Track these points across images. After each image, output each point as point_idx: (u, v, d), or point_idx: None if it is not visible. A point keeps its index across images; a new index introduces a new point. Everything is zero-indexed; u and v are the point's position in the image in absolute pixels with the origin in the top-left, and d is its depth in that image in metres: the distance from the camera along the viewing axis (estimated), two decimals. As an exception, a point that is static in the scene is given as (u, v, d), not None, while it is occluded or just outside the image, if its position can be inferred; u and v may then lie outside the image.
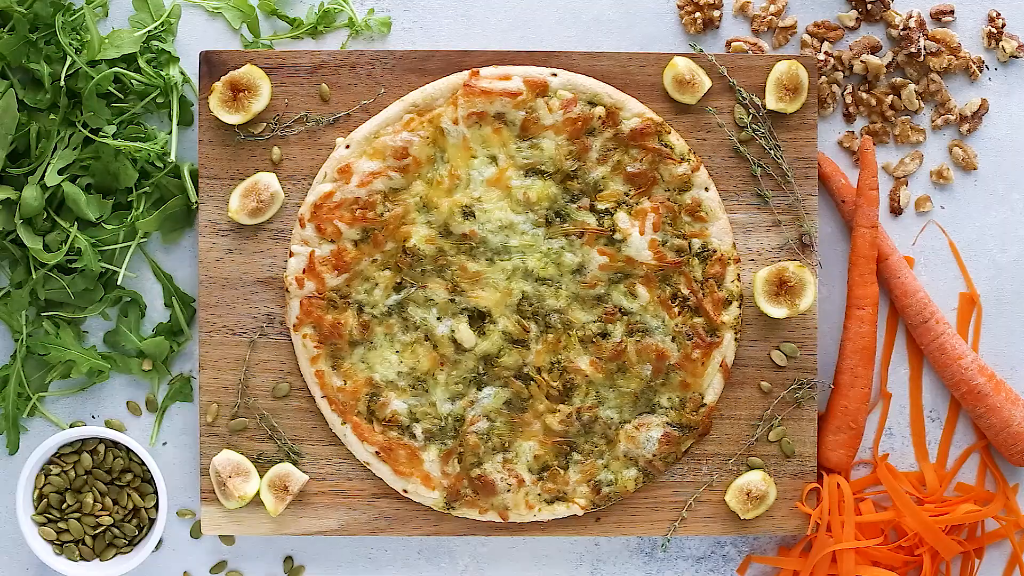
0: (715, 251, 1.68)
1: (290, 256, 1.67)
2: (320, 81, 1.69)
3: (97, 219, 1.68)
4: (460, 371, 1.67)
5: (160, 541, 1.74)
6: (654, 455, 1.68)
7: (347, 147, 1.67)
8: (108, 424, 1.74)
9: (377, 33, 1.75)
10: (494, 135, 1.66)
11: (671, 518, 1.71)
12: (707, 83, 1.69)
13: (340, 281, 1.66)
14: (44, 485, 1.70)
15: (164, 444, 1.74)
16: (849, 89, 1.75)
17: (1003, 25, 1.74)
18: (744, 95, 1.69)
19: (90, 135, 1.66)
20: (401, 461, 1.67)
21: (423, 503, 1.69)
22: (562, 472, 1.68)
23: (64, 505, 1.70)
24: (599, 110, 1.66)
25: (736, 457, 1.71)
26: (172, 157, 1.69)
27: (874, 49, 1.74)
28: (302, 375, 1.69)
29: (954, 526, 1.70)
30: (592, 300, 1.66)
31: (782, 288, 1.67)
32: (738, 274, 1.69)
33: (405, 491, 1.68)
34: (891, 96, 1.74)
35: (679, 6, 1.74)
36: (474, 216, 1.64)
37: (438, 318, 1.66)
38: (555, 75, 1.67)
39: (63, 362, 1.70)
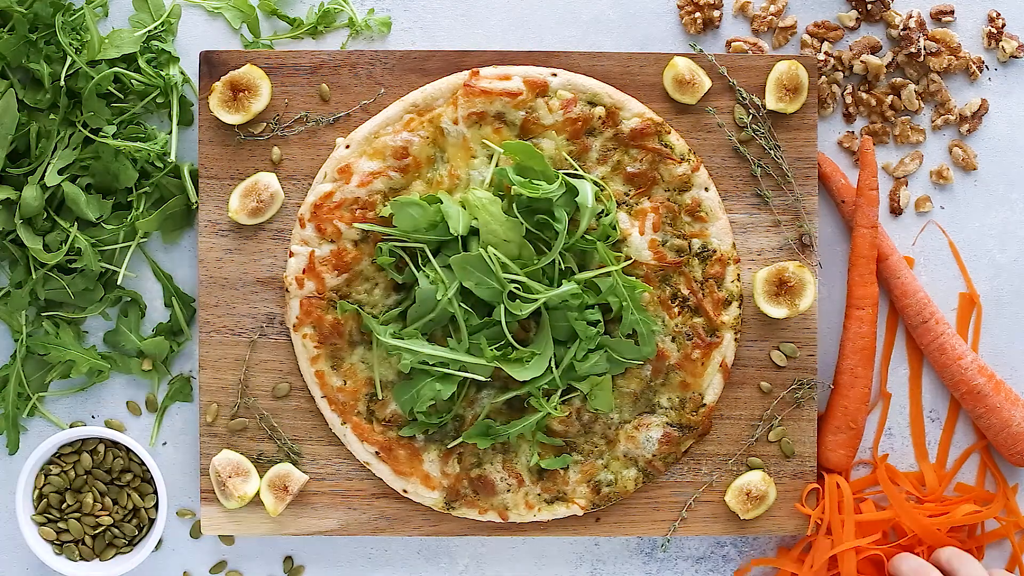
0: (715, 251, 1.68)
1: (290, 256, 1.67)
2: (320, 81, 1.69)
3: (97, 219, 1.68)
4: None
5: (160, 541, 1.74)
6: (654, 455, 1.68)
7: (347, 147, 1.67)
8: (108, 424, 1.74)
9: (377, 33, 1.75)
10: (494, 135, 1.66)
11: (671, 518, 1.71)
12: (707, 83, 1.69)
13: (340, 281, 1.66)
14: (44, 485, 1.70)
15: (164, 444, 1.74)
16: (849, 89, 1.75)
17: (1003, 25, 1.75)
18: (744, 95, 1.69)
19: (90, 135, 1.66)
20: (401, 461, 1.67)
21: (423, 503, 1.69)
22: (562, 472, 1.68)
23: (64, 505, 1.70)
24: (599, 110, 1.67)
25: (736, 457, 1.71)
26: (172, 157, 1.69)
27: (874, 49, 1.74)
28: (302, 375, 1.69)
29: (954, 526, 1.71)
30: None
31: (782, 288, 1.67)
32: (738, 274, 1.69)
33: (405, 491, 1.68)
34: (891, 96, 1.74)
35: (679, 6, 1.74)
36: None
37: (438, 318, 1.66)
38: (555, 75, 1.67)
39: (63, 362, 1.70)
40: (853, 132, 1.75)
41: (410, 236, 1.61)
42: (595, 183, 1.65)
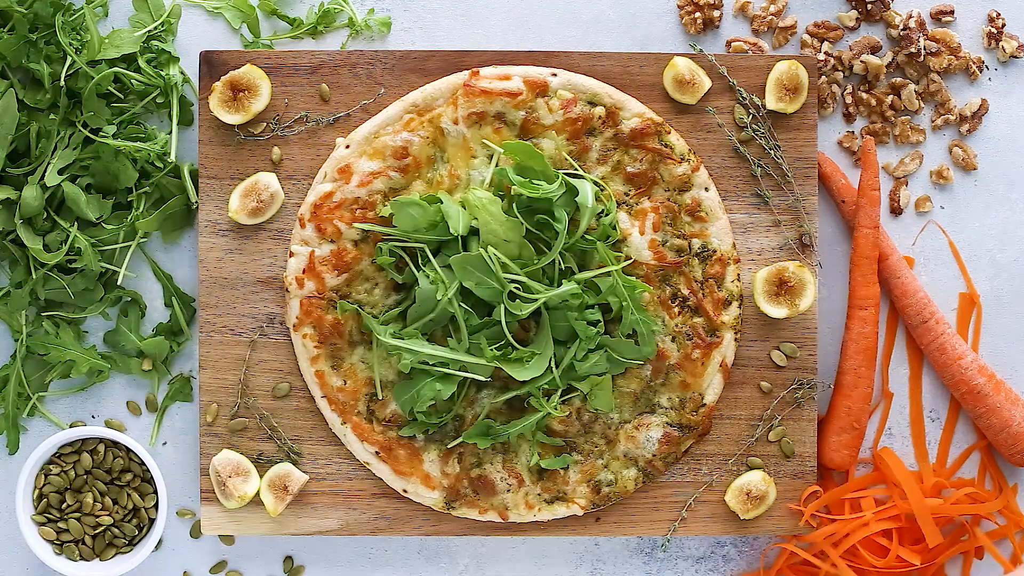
0: (715, 251, 1.68)
1: (290, 256, 1.67)
2: (320, 81, 1.69)
3: (97, 219, 1.68)
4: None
5: (160, 541, 1.74)
6: (654, 455, 1.68)
7: (347, 147, 1.67)
8: (108, 424, 1.74)
9: (377, 33, 1.75)
10: (494, 135, 1.66)
11: (671, 518, 1.71)
12: (707, 83, 1.69)
13: (340, 281, 1.66)
14: (44, 485, 1.70)
15: (164, 444, 1.74)
16: (849, 89, 1.75)
17: (1003, 25, 1.75)
18: (744, 95, 1.69)
19: (90, 135, 1.66)
20: (401, 461, 1.67)
21: (423, 503, 1.69)
22: (562, 472, 1.68)
23: (64, 505, 1.70)
24: (599, 110, 1.67)
25: (736, 457, 1.71)
26: (172, 157, 1.69)
27: (874, 49, 1.74)
28: (302, 375, 1.69)
29: (956, 529, 1.71)
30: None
31: (782, 288, 1.67)
32: (738, 274, 1.69)
33: (405, 491, 1.68)
34: (891, 96, 1.74)
35: (679, 6, 1.74)
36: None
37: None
38: (555, 75, 1.67)
39: (63, 362, 1.70)
40: (853, 132, 1.75)
41: (410, 236, 1.61)
42: (595, 183, 1.65)
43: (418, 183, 1.66)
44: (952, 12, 1.75)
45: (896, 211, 1.75)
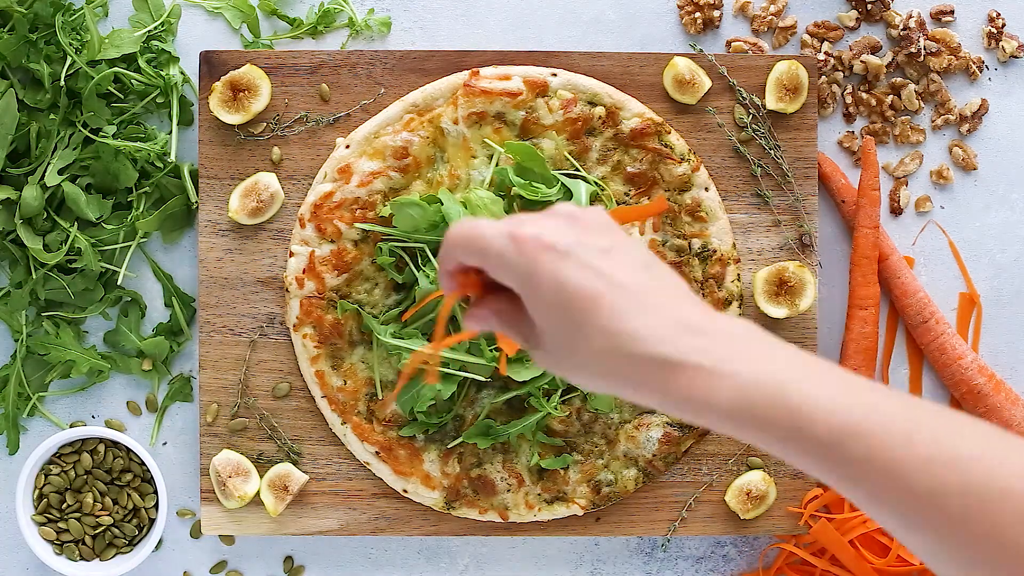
0: (715, 251, 1.68)
1: (290, 256, 1.67)
2: (320, 81, 1.69)
3: (97, 219, 1.68)
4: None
5: (160, 541, 1.74)
6: (654, 455, 1.68)
7: (347, 147, 1.67)
8: (108, 424, 1.74)
9: (377, 33, 1.75)
10: (494, 135, 1.66)
11: (671, 518, 1.71)
12: (707, 83, 1.69)
13: (340, 281, 1.66)
14: (44, 485, 1.70)
15: (164, 444, 1.74)
16: (849, 89, 1.75)
17: (1003, 25, 1.75)
18: (744, 95, 1.69)
19: (90, 135, 1.66)
20: (401, 461, 1.67)
21: (423, 503, 1.69)
22: (562, 472, 1.68)
23: (64, 505, 1.70)
24: (599, 110, 1.67)
25: (736, 457, 1.71)
26: (172, 157, 1.69)
27: (874, 49, 1.74)
28: (302, 375, 1.69)
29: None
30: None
31: (782, 288, 1.67)
32: (738, 274, 1.69)
33: (405, 491, 1.68)
34: (891, 96, 1.74)
35: (679, 6, 1.74)
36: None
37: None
38: (555, 75, 1.67)
39: (63, 362, 1.70)
40: (853, 132, 1.75)
41: (410, 236, 1.61)
42: (595, 183, 1.65)
43: (418, 183, 1.66)
44: (952, 12, 1.75)
45: (896, 211, 1.75)
